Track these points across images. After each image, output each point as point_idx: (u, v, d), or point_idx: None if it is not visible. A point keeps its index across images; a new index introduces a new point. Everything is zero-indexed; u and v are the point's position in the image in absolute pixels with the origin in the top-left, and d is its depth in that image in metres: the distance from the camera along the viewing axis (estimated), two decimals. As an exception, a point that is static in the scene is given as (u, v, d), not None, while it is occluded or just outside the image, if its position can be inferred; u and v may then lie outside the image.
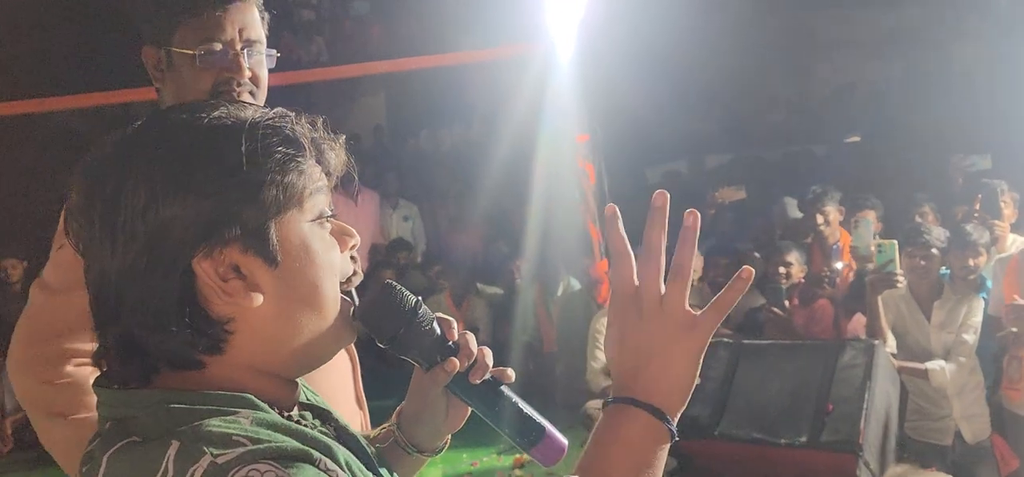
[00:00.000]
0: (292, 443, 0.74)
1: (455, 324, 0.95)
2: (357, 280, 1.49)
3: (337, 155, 0.85)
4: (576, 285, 6.14)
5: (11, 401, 6.35)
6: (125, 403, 0.78)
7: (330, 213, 0.84)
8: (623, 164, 7.38)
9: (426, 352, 0.94)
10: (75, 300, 0.90)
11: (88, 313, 0.81)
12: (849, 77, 9.64)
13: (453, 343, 0.94)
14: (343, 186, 0.88)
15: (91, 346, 0.83)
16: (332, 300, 0.83)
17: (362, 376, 1.69)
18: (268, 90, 1.54)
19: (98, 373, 0.84)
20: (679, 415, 0.88)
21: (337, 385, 1.62)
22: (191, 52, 1.45)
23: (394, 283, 0.93)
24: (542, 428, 0.94)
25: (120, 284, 0.77)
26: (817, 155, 8.55)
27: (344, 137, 0.87)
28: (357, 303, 1.44)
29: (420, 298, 0.93)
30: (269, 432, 0.75)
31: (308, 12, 10.03)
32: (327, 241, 0.83)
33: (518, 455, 4.87)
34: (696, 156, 9.22)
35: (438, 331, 0.94)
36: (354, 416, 1.67)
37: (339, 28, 9.57)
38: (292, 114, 0.83)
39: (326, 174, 0.84)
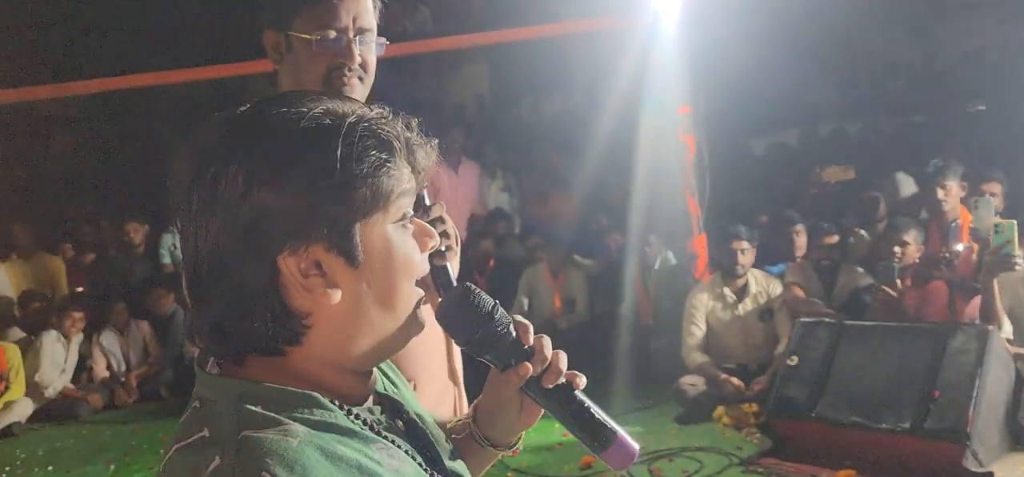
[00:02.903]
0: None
1: (531, 328, 0.97)
2: (446, 250, 1.53)
3: (427, 156, 0.87)
4: (673, 260, 6.05)
5: (136, 355, 6.79)
6: (211, 386, 0.83)
7: (413, 214, 0.87)
8: (728, 135, 7.18)
9: (501, 354, 0.96)
10: None
11: None
12: (977, 41, 9.05)
13: (528, 347, 0.96)
14: (446, 155, 0.87)
15: None
16: (405, 300, 0.86)
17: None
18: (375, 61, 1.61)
19: None
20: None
21: (430, 355, 1.66)
22: (308, 37, 1.53)
23: (472, 285, 0.95)
24: (613, 432, 0.95)
25: (211, 266, 0.80)
26: (939, 126, 8.06)
27: (437, 141, 0.89)
28: (453, 281, 1.44)
29: (497, 302, 0.95)
30: (311, 452, 0.76)
31: (414, -17, 10.16)
32: (408, 243, 0.86)
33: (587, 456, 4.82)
34: (807, 127, 8.84)
35: (513, 335, 0.95)
36: (446, 392, 1.70)
37: (444, -2, 9.65)
38: (389, 114, 0.85)
39: (414, 175, 0.86)
